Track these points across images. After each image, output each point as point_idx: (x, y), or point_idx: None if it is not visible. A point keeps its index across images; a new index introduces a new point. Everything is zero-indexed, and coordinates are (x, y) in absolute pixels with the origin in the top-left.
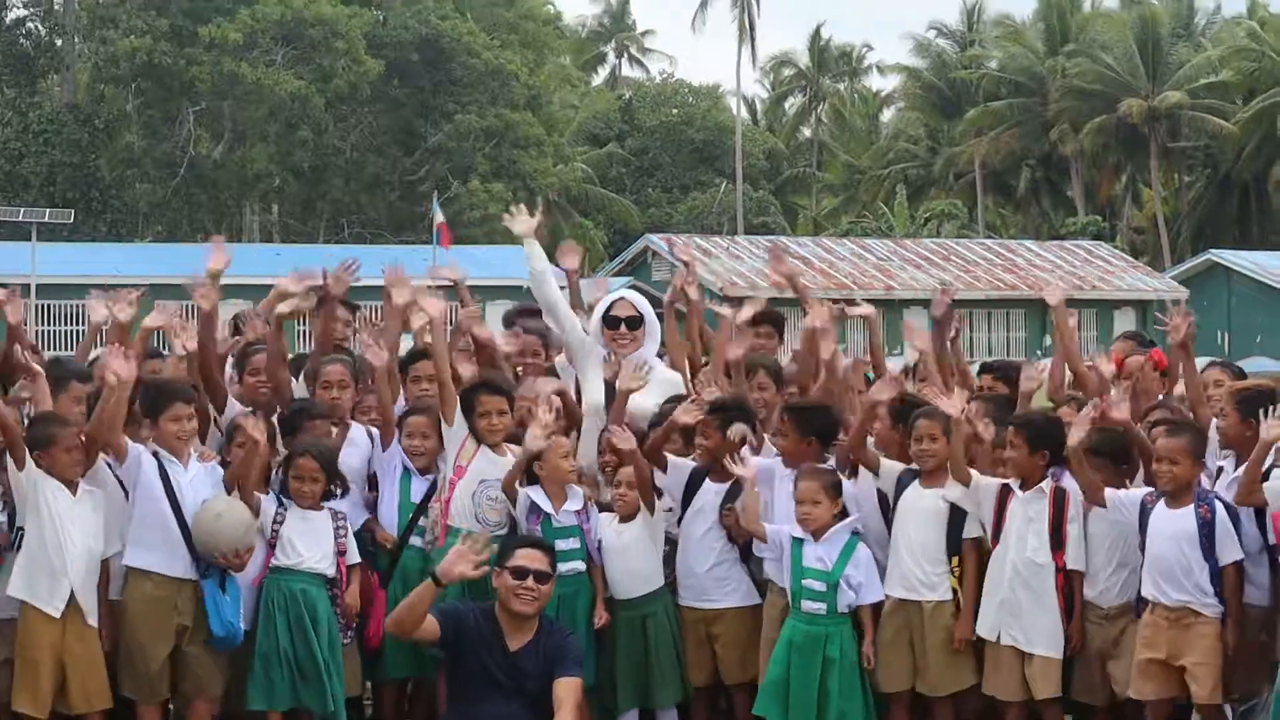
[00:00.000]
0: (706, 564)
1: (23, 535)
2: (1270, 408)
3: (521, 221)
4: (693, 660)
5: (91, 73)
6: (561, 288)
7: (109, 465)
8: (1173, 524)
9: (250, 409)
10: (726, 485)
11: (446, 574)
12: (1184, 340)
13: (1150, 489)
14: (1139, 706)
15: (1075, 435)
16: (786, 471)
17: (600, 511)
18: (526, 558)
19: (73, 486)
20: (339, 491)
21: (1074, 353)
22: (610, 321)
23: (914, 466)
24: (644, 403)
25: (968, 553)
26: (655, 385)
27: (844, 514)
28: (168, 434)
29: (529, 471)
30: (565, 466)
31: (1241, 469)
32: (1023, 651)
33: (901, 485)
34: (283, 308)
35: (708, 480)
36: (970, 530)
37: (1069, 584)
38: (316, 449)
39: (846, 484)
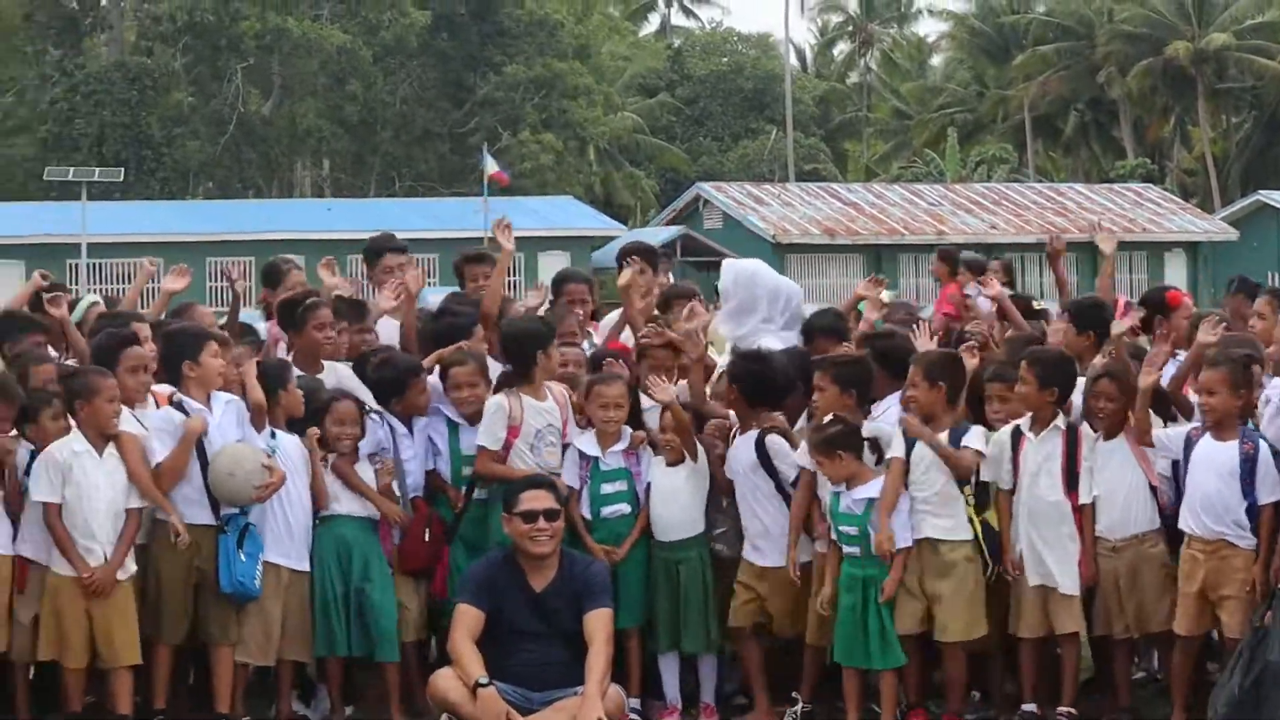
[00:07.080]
0: (758, 519)
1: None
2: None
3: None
4: (743, 603)
5: (137, 31)
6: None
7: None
8: (1215, 456)
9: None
10: (754, 434)
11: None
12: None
13: (1195, 424)
14: (1157, 639)
15: (1145, 379)
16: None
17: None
18: (533, 499)
19: (99, 448)
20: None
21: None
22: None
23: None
24: None
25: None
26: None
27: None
28: (188, 379)
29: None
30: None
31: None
32: (1044, 589)
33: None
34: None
35: (738, 437)
36: (985, 474)
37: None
38: (349, 398)
39: None
